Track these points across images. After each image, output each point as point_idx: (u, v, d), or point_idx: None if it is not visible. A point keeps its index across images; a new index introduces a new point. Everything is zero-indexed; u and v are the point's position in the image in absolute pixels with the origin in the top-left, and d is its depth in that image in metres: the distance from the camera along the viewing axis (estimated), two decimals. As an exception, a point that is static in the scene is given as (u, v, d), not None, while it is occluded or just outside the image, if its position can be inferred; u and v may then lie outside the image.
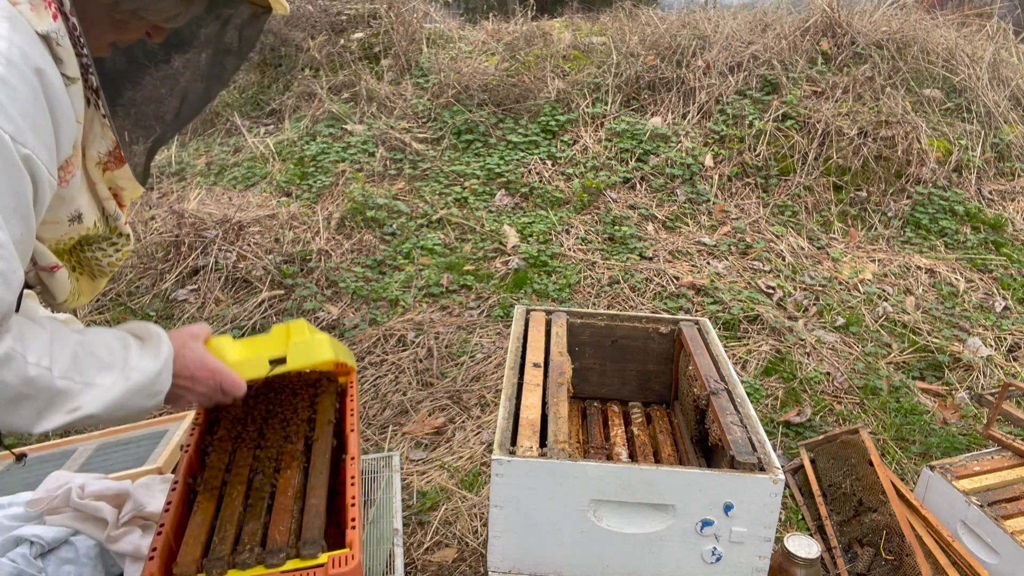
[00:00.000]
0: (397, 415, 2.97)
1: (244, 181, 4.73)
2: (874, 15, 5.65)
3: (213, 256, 3.75)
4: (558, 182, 4.57)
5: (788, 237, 4.27)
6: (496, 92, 5.08)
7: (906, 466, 2.74)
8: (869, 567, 2.12)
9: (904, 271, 4.04)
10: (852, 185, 4.61)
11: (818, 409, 3.03)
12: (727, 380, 1.92)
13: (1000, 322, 3.65)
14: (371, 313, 3.57)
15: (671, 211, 4.41)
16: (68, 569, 1.87)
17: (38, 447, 2.44)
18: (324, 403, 1.92)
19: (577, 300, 3.71)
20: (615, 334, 2.31)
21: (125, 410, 1.21)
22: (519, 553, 1.61)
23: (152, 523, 1.96)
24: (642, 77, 5.18)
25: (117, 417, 1.21)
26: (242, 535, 1.42)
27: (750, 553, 1.57)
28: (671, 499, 1.54)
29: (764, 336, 3.43)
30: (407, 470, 2.66)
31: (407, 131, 4.97)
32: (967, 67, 5.28)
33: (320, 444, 1.74)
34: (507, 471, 1.54)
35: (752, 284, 3.85)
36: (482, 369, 3.20)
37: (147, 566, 1.33)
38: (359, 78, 5.35)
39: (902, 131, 4.69)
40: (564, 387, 1.86)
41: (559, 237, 4.16)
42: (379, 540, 2.14)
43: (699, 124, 4.93)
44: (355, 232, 4.14)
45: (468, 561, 2.27)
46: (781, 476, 1.52)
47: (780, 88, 5.02)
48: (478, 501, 2.49)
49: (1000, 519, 2.03)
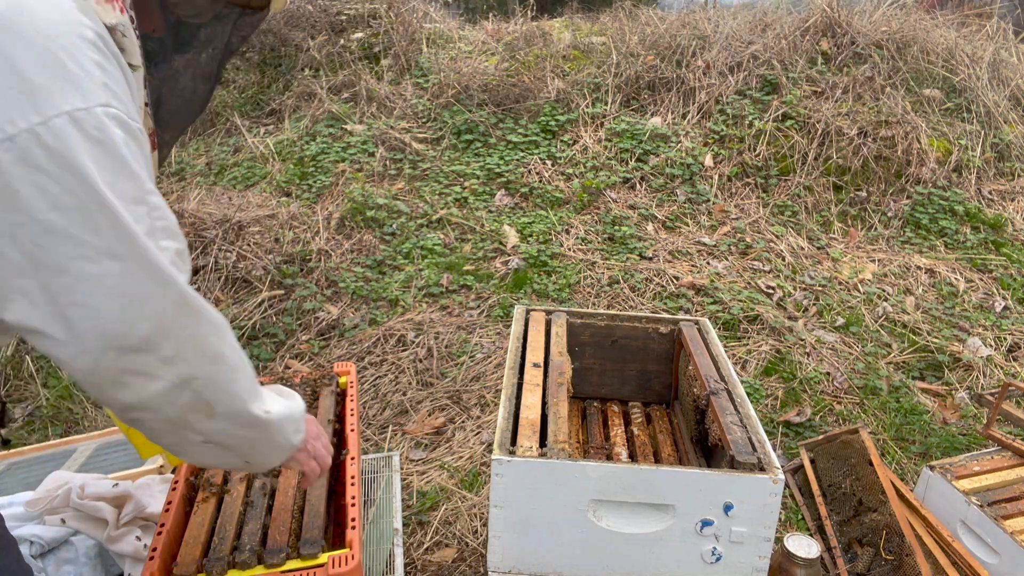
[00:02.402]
0: (397, 415, 2.97)
1: (244, 181, 4.73)
2: (874, 15, 5.65)
3: (213, 256, 3.74)
4: (558, 182, 4.57)
5: (788, 237, 4.27)
6: (496, 92, 5.08)
7: (906, 466, 2.74)
8: (869, 567, 2.12)
9: (904, 271, 4.04)
10: (852, 185, 4.61)
11: (818, 409, 3.03)
12: (727, 380, 1.92)
13: (1000, 322, 3.65)
14: (371, 313, 3.57)
15: (671, 211, 4.41)
16: (68, 569, 1.87)
17: (38, 447, 2.44)
18: (324, 402, 1.93)
19: (577, 300, 3.71)
20: (615, 334, 2.31)
21: (281, 435, 1.17)
22: (519, 553, 1.61)
23: (152, 523, 1.96)
24: (642, 77, 5.18)
25: (269, 445, 1.16)
26: (242, 535, 1.43)
27: (750, 553, 1.57)
28: (671, 499, 1.54)
29: (764, 336, 3.43)
30: (407, 470, 2.66)
31: (407, 131, 4.97)
32: (967, 67, 5.28)
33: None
34: (507, 471, 1.54)
35: (752, 284, 3.85)
36: (482, 369, 3.20)
37: (147, 566, 1.33)
38: (359, 78, 5.35)
39: (902, 131, 4.69)
40: (564, 387, 1.86)
41: (559, 237, 4.16)
42: (379, 540, 2.14)
43: (699, 124, 4.93)
44: (355, 232, 4.14)
45: (468, 561, 2.27)
46: (781, 476, 1.52)
47: (780, 88, 5.02)
48: (478, 501, 2.49)
49: (1000, 519, 2.03)
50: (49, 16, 0.88)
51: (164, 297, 0.93)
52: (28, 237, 0.85)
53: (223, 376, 1.02)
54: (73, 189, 0.85)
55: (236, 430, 1.07)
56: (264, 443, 1.14)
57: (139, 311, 0.91)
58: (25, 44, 0.85)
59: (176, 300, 0.95)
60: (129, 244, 0.89)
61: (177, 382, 0.97)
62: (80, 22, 0.91)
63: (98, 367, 0.91)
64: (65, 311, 0.88)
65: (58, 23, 0.88)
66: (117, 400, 0.96)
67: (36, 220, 0.85)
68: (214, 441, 1.06)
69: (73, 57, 0.87)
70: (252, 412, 1.08)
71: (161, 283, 0.92)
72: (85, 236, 0.87)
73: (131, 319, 0.90)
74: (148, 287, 0.91)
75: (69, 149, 0.85)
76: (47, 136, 0.84)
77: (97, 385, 0.94)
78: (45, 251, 0.86)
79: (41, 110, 0.84)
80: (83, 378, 0.94)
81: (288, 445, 1.19)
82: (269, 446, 1.15)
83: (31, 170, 0.84)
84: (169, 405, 0.98)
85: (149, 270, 0.91)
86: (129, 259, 0.89)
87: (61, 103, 0.85)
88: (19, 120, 0.83)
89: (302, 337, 3.41)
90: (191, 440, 1.04)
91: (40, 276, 0.87)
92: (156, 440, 1.05)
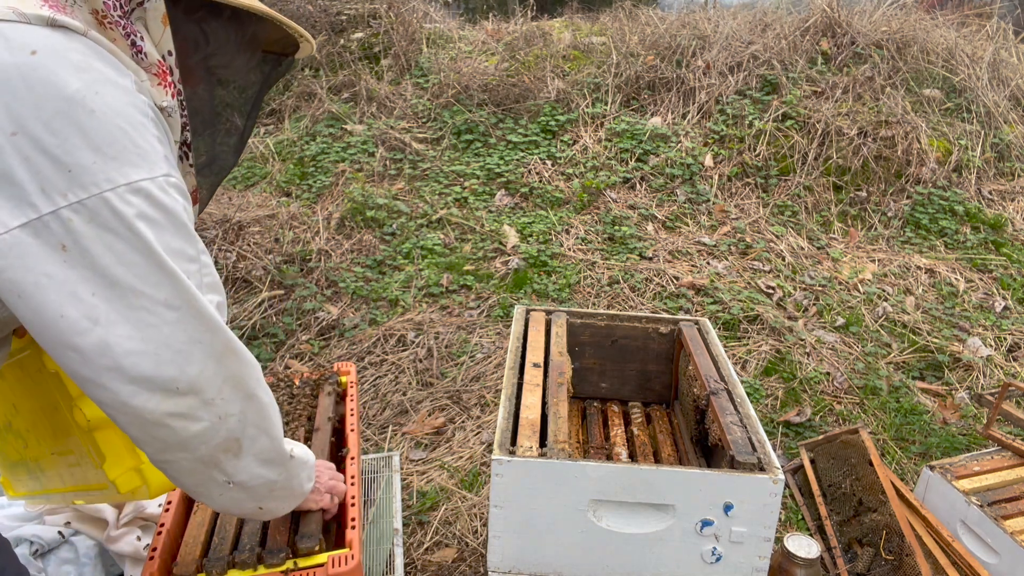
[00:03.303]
0: (397, 415, 2.97)
1: (244, 181, 4.73)
2: (874, 15, 5.65)
3: (213, 256, 3.74)
4: (558, 182, 4.57)
5: (788, 237, 4.27)
6: (496, 92, 5.08)
7: (906, 466, 2.74)
8: (869, 567, 2.12)
9: (904, 271, 4.04)
10: (852, 185, 4.61)
11: (818, 409, 3.03)
12: (727, 380, 1.92)
13: (1000, 322, 3.65)
14: (371, 313, 3.57)
15: (671, 211, 4.41)
16: (68, 569, 1.87)
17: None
18: (323, 402, 1.93)
19: (577, 300, 3.71)
20: (615, 334, 2.31)
21: (297, 479, 1.27)
22: (519, 553, 1.61)
23: (152, 523, 1.96)
24: (642, 77, 5.18)
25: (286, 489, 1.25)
26: (242, 535, 1.42)
27: (750, 553, 1.57)
28: (671, 499, 1.54)
29: (764, 336, 3.43)
30: (407, 470, 2.66)
31: (407, 131, 4.97)
32: (967, 67, 5.28)
33: (319, 441, 1.74)
34: (507, 471, 1.54)
35: (752, 284, 3.85)
36: (482, 369, 3.20)
37: (147, 566, 1.33)
38: (359, 78, 5.35)
39: (902, 131, 4.69)
40: (564, 387, 1.86)
41: (559, 237, 4.16)
42: (379, 540, 2.14)
43: (699, 124, 4.93)
44: (355, 232, 4.14)
45: (468, 561, 2.27)
46: (781, 476, 1.52)
47: (780, 88, 5.02)
48: (478, 501, 2.49)
49: (1000, 519, 2.03)
50: (117, 96, 0.97)
51: (212, 342, 1.02)
52: (90, 290, 0.94)
53: (256, 414, 1.11)
54: (137, 247, 0.95)
55: (260, 469, 1.15)
56: (282, 487, 1.22)
57: (189, 356, 1.00)
58: (99, 122, 0.94)
59: (222, 344, 1.04)
60: (184, 296, 0.99)
61: (215, 421, 1.05)
62: (143, 102, 1.01)
63: (145, 409, 0.98)
64: (120, 361, 0.96)
65: (125, 103, 0.97)
66: (159, 440, 1.03)
67: (102, 275, 0.94)
68: (236, 482, 1.13)
69: (140, 133, 0.98)
70: (279, 448, 1.18)
71: (210, 330, 1.02)
72: (146, 289, 0.96)
73: (182, 363, 0.99)
74: (199, 333, 1.01)
75: (136, 215, 0.95)
76: (116, 201, 0.93)
77: (142, 427, 1.01)
78: (108, 303, 0.94)
79: (112, 179, 0.93)
80: (130, 420, 1.00)
81: (300, 492, 1.29)
82: (286, 491, 1.24)
83: (101, 231, 0.93)
84: (204, 444, 1.06)
85: (200, 318, 1.01)
86: (183, 309, 0.99)
87: (131, 174, 0.95)
88: (91, 187, 0.92)
89: (302, 337, 3.41)
90: (216, 481, 1.11)
91: (98, 328, 0.95)
92: (181, 481, 1.11)
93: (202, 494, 1.14)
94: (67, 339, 0.94)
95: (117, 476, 1.32)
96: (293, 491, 1.27)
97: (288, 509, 1.30)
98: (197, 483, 1.10)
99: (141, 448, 1.06)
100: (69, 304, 0.93)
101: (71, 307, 0.93)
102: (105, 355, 0.95)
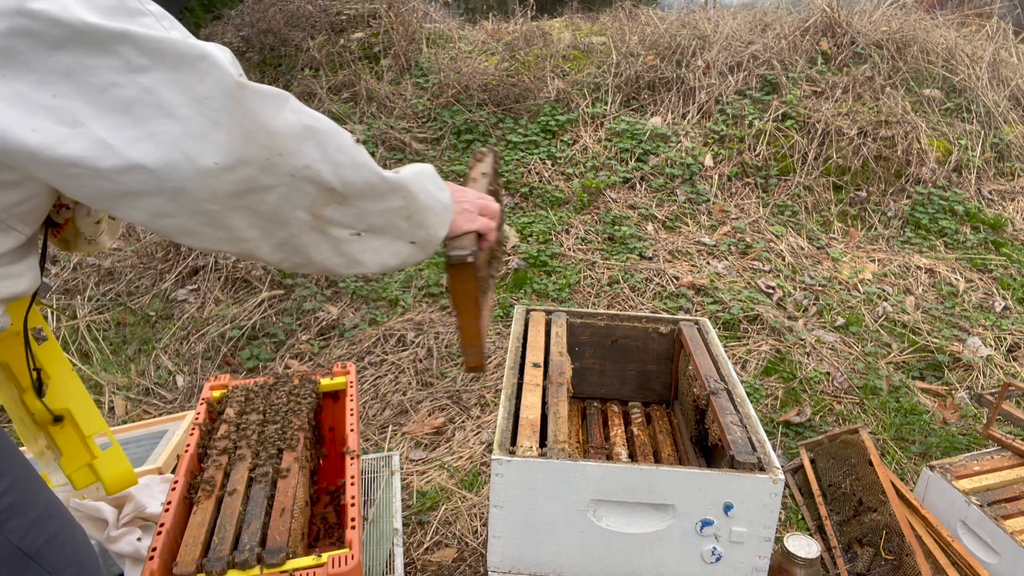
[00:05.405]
0: (397, 415, 2.97)
1: (244, 181, 4.73)
2: (874, 15, 5.65)
3: (213, 256, 3.74)
4: (558, 182, 4.57)
5: (788, 237, 4.27)
6: (496, 92, 5.08)
7: (906, 466, 2.74)
8: (869, 567, 2.12)
9: (904, 271, 4.04)
10: (852, 185, 4.61)
11: (818, 409, 3.03)
12: (727, 380, 1.92)
13: (1000, 322, 3.65)
14: (371, 313, 3.57)
15: (671, 211, 4.41)
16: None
17: (38, 447, 2.43)
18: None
19: (577, 300, 3.71)
20: (615, 334, 2.31)
21: (426, 193, 1.06)
22: (519, 553, 1.61)
23: (152, 523, 1.96)
24: (642, 77, 5.18)
25: (421, 210, 1.05)
26: (242, 535, 1.42)
27: (750, 553, 1.57)
28: (671, 499, 1.54)
29: (764, 336, 3.43)
30: (407, 470, 2.66)
31: (407, 131, 4.96)
32: (967, 67, 5.28)
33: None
34: (507, 471, 1.54)
35: (752, 284, 3.85)
36: (482, 369, 3.20)
37: (147, 566, 1.33)
38: (359, 78, 5.35)
39: (902, 131, 4.69)
40: (564, 387, 1.86)
41: (559, 237, 4.16)
42: (379, 540, 2.14)
43: (699, 124, 4.93)
44: (355, 232, 4.14)
45: (468, 561, 2.27)
46: (781, 476, 1.52)
47: (780, 88, 5.02)
48: (478, 501, 2.49)
49: (1000, 519, 2.03)
50: None
51: (217, 88, 0.84)
52: (50, 92, 0.78)
53: (324, 146, 0.92)
54: (60, 25, 0.78)
55: (375, 204, 0.98)
56: (415, 209, 1.03)
57: (204, 120, 0.83)
58: None
59: (232, 87, 0.85)
60: (148, 47, 0.81)
61: (289, 181, 0.88)
62: None
63: (208, 190, 0.83)
64: (127, 154, 0.80)
65: None
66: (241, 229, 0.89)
67: (50, 71, 0.78)
68: (363, 228, 0.98)
69: None
70: (377, 170, 0.98)
71: (204, 74, 0.83)
72: (99, 62, 0.79)
73: (203, 131, 0.83)
74: (193, 81, 0.83)
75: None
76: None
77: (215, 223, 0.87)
78: (73, 98, 0.79)
79: None
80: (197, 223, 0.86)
81: (442, 203, 1.09)
82: (422, 211, 1.05)
83: (14, 33, 0.77)
84: (298, 209, 0.91)
85: (183, 64, 0.83)
86: (158, 64, 0.82)
87: None
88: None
89: (302, 337, 3.41)
90: (343, 238, 0.97)
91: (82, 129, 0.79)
92: (319, 265, 0.97)
93: (352, 264, 0.99)
94: (56, 154, 0.78)
95: (72, 472, 1.30)
96: (433, 208, 1.07)
97: (442, 231, 1.10)
98: (328, 258, 0.96)
99: (255, 255, 0.92)
100: (34, 116, 0.77)
101: (38, 118, 0.77)
102: (108, 157, 0.79)
